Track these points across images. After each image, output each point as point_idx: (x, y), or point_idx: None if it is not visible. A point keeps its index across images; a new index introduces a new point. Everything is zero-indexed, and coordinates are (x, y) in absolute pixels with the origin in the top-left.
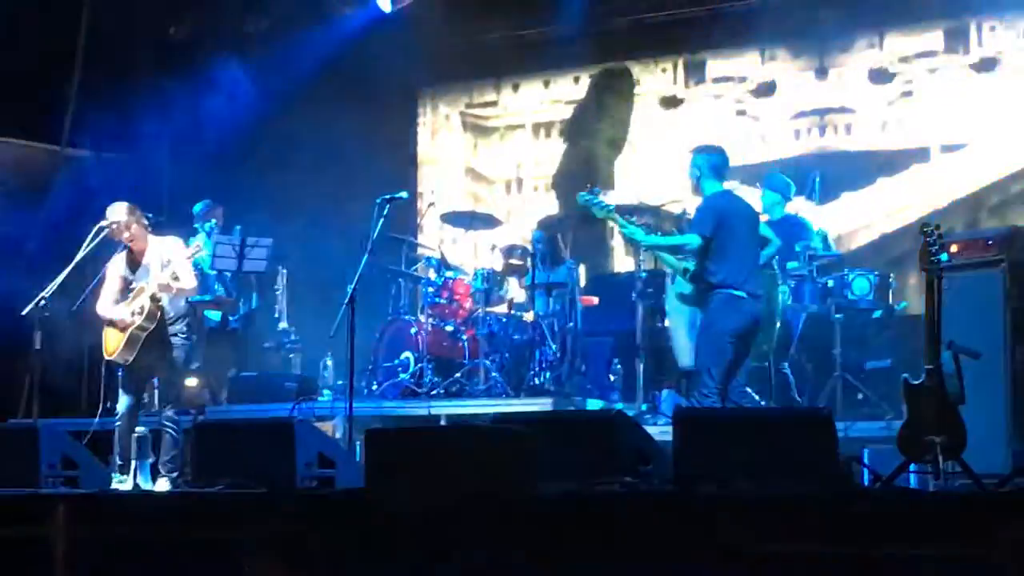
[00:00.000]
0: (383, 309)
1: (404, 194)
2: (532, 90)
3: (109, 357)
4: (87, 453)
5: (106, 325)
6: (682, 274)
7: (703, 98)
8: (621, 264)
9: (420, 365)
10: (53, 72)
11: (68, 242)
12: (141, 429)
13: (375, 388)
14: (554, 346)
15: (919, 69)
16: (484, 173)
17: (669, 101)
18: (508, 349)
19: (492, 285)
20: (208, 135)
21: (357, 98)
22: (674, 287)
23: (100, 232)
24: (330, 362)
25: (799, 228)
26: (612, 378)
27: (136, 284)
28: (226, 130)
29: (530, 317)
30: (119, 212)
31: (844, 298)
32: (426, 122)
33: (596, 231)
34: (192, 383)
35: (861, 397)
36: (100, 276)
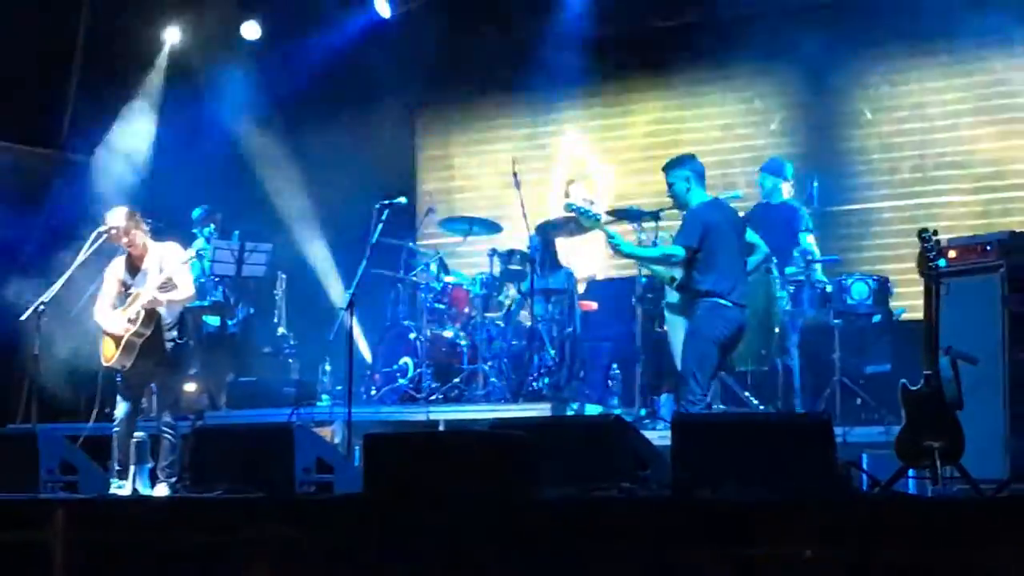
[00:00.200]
0: (382, 315)
1: (403, 199)
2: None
3: (107, 363)
4: (86, 458)
5: (104, 331)
6: (669, 283)
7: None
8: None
9: (419, 370)
10: (51, 76)
11: (66, 247)
12: (140, 434)
13: (374, 393)
14: (553, 351)
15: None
16: (481, 178)
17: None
18: (507, 355)
19: (491, 291)
20: (206, 140)
21: (356, 103)
22: (665, 295)
23: (99, 237)
24: (329, 367)
25: (796, 215)
26: (611, 383)
27: (134, 289)
28: (224, 135)
29: (527, 320)
30: (118, 217)
31: (843, 303)
32: (425, 127)
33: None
34: (191, 388)
35: (860, 402)
36: (100, 281)
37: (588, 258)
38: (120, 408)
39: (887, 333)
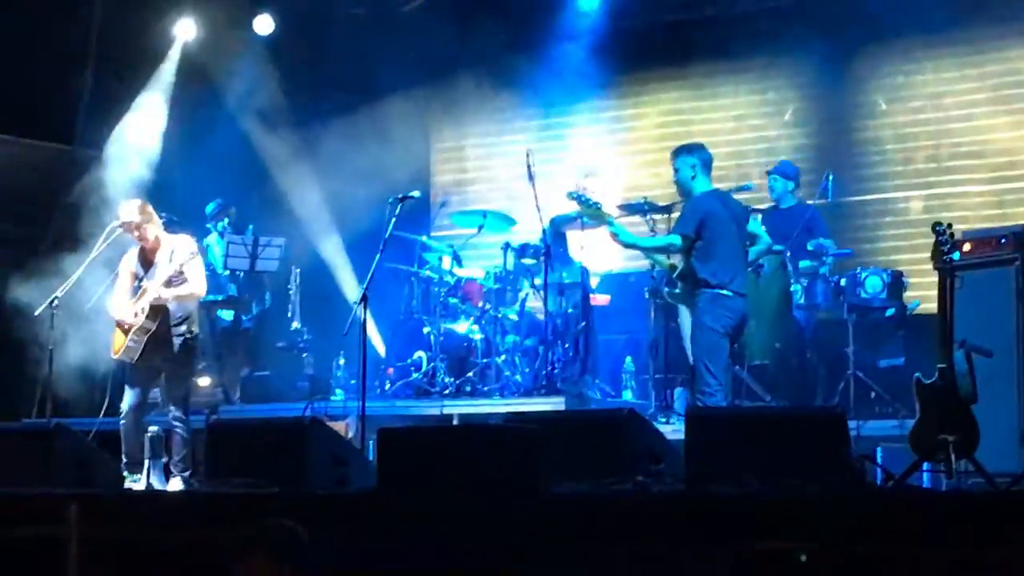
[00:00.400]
0: (396, 308)
1: (416, 193)
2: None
3: (115, 355)
4: (101, 453)
5: (116, 323)
6: (669, 271)
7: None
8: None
9: (433, 364)
10: (64, 71)
11: (80, 242)
12: (154, 428)
13: (388, 387)
14: (566, 345)
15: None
16: (495, 171)
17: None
18: (520, 348)
19: (504, 285)
20: (220, 134)
21: (370, 96)
22: (668, 287)
23: (114, 232)
24: (343, 361)
25: (813, 218)
26: (624, 377)
27: (145, 282)
28: (238, 129)
29: (541, 314)
30: (131, 210)
31: (857, 296)
32: (439, 120)
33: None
34: (205, 383)
35: (874, 396)
36: (115, 273)
37: (601, 252)
38: (126, 400)
39: (901, 327)
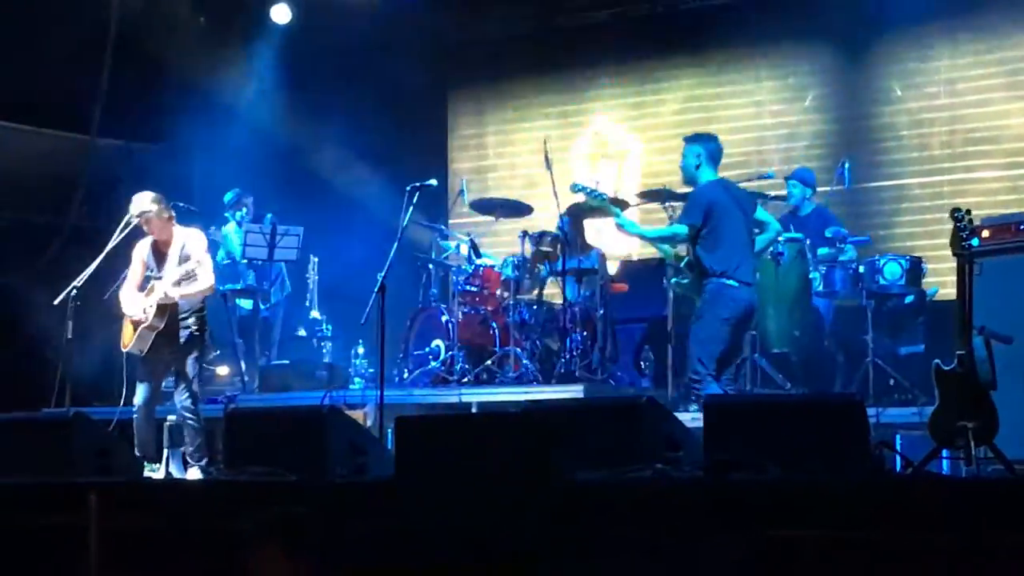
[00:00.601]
0: (414, 297)
1: (434, 181)
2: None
3: (124, 348)
4: (120, 442)
5: (125, 314)
6: (675, 261)
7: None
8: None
9: (451, 353)
10: (84, 61)
11: (99, 232)
12: (172, 418)
13: (406, 376)
14: (584, 333)
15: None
16: (514, 158)
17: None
18: (538, 336)
19: (522, 272)
20: (238, 123)
21: (389, 83)
22: (676, 277)
23: (130, 223)
24: (361, 350)
25: (831, 220)
26: (643, 365)
27: (155, 274)
28: (255, 117)
29: (559, 303)
30: (142, 203)
31: (875, 283)
32: (458, 107)
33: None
34: (223, 372)
35: (893, 383)
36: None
37: (619, 239)
38: (138, 394)
39: (920, 313)
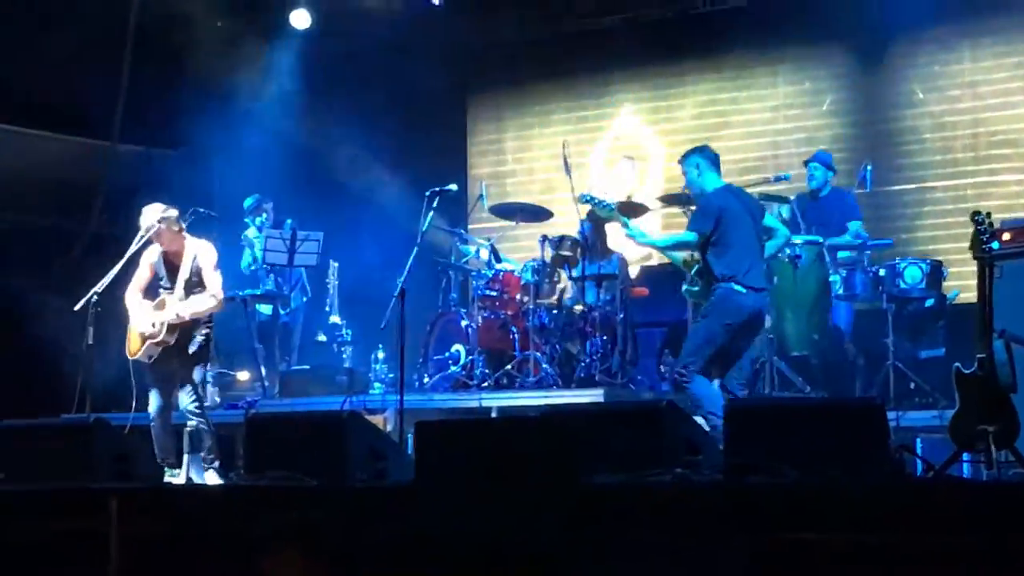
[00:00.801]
0: (433, 302)
1: (454, 186)
2: (580, 79)
3: (131, 356)
4: (140, 447)
5: (131, 320)
6: (683, 266)
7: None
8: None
9: (471, 357)
10: (103, 67)
11: (119, 238)
12: (192, 423)
13: (426, 381)
14: (604, 337)
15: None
16: (533, 162)
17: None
18: (558, 341)
19: (542, 277)
20: (257, 128)
21: (406, 89)
22: (686, 284)
23: (147, 233)
24: (381, 355)
25: (851, 203)
26: (663, 369)
27: (165, 285)
28: (275, 123)
29: (580, 309)
30: (150, 216)
31: (896, 287)
32: (477, 112)
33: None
34: (243, 377)
35: (913, 386)
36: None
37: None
38: (152, 403)
39: (941, 317)
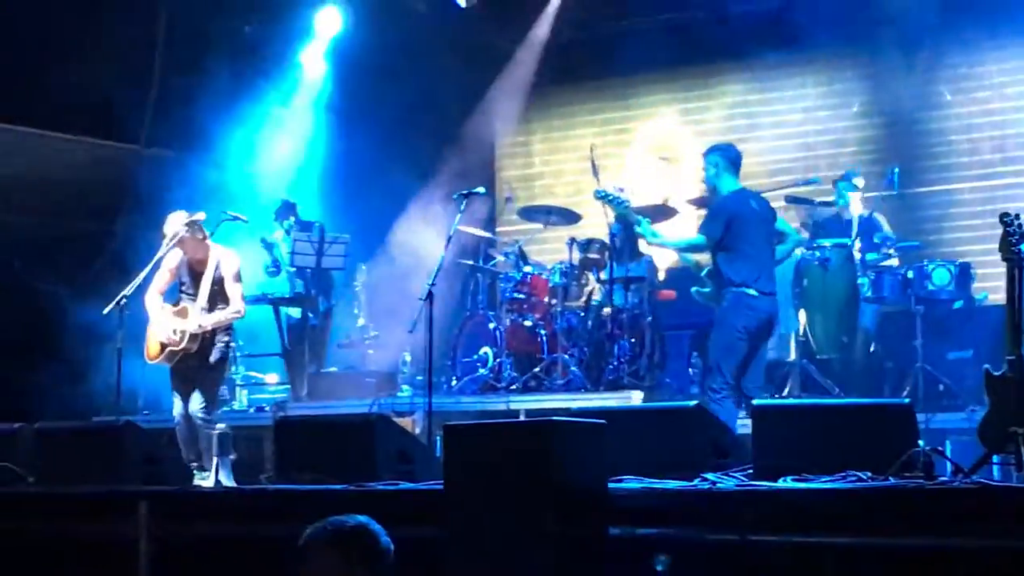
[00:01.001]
0: (461, 304)
1: (482, 189)
2: (608, 81)
3: (149, 360)
4: (169, 450)
5: (150, 324)
6: (694, 268)
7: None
8: None
9: (499, 360)
10: (132, 72)
11: (148, 242)
12: (221, 426)
13: (454, 383)
14: (632, 340)
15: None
16: (561, 165)
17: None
18: (586, 343)
19: (570, 280)
20: (286, 132)
21: (436, 90)
22: (696, 286)
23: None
24: (409, 357)
25: (876, 226)
26: (691, 372)
27: (189, 292)
28: (303, 125)
29: (608, 311)
30: (174, 224)
31: (924, 289)
32: (504, 115)
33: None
34: (272, 379)
35: (942, 388)
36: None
37: None
38: (175, 407)
39: (969, 319)
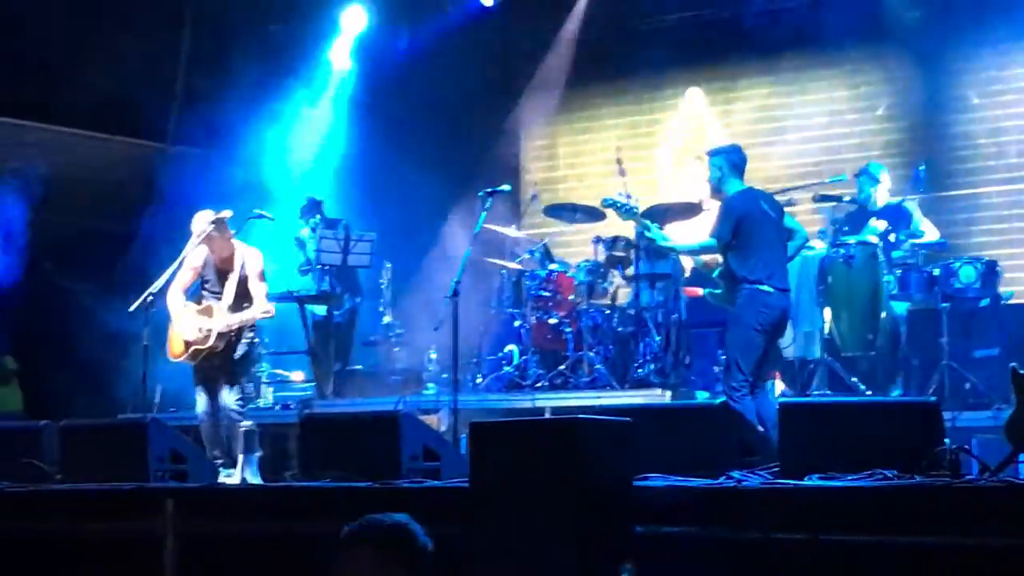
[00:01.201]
0: (487, 302)
1: (507, 187)
2: (633, 82)
3: (172, 358)
4: (195, 447)
5: (172, 322)
6: (703, 269)
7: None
8: None
9: (524, 358)
10: (158, 70)
11: (174, 239)
12: (248, 423)
13: (479, 381)
14: (658, 338)
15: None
16: (586, 166)
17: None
18: (612, 341)
19: (596, 277)
20: (311, 130)
21: (461, 90)
22: (709, 287)
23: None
24: (434, 355)
25: (906, 213)
26: (717, 370)
27: (214, 291)
28: (329, 124)
29: (634, 310)
30: (200, 222)
31: (950, 286)
32: (530, 115)
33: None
34: (298, 377)
35: (968, 386)
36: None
37: None
38: (199, 404)
39: (995, 317)
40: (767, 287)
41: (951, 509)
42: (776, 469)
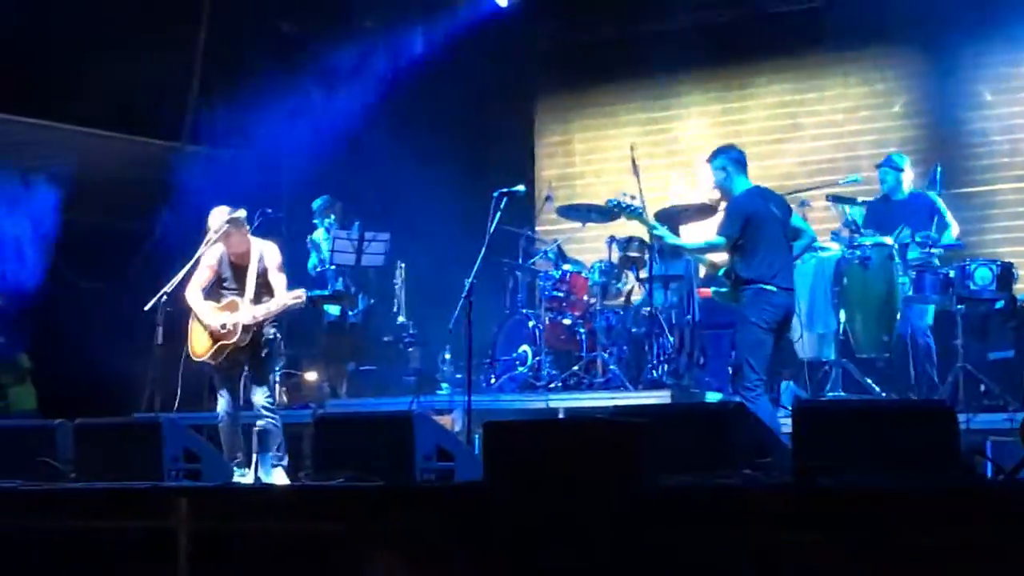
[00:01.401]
0: (500, 303)
1: (521, 188)
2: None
3: (196, 358)
4: (209, 447)
5: (193, 319)
6: (709, 268)
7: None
8: None
9: (538, 358)
10: (173, 69)
11: (189, 238)
12: (262, 423)
13: (493, 381)
14: (672, 338)
15: None
16: (601, 164)
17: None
18: (626, 342)
19: (609, 278)
20: (326, 128)
21: (474, 90)
22: (715, 286)
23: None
24: (448, 355)
25: (931, 204)
26: (731, 370)
27: (231, 287)
28: (344, 123)
29: (647, 310)
30: (217, 218)
31: (966, 288)
32: (544, 114)
33: None
34: (312, 377)
35: (983, 388)
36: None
37: None
38: (220, 403)
39: (1011, 319)
40: (771, 286)
41: (965, 511)
42: (790, 470)
